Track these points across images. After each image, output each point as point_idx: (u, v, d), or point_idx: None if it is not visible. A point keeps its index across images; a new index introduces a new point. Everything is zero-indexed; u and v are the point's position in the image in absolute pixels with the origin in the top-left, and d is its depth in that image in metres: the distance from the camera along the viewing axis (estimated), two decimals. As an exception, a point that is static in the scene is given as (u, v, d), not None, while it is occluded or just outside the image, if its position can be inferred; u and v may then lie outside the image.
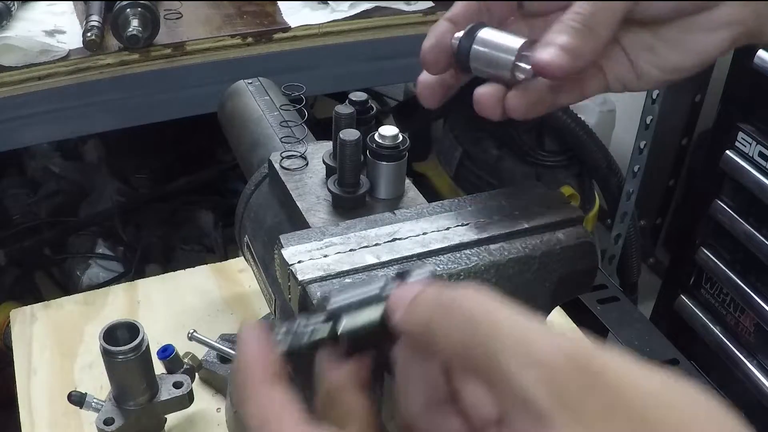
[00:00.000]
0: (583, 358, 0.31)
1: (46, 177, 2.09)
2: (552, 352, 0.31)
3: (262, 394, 0.37)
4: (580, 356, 0.31)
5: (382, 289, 0.38)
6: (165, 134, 2.02)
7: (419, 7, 1.56)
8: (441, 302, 0.35)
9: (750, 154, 1.43)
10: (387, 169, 0.64)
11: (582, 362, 0.31)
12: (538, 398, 0.30)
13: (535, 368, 0.31)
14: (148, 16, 1.33)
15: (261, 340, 0.39)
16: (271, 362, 0.38)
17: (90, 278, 1.91)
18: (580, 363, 0.31)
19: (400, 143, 0.63)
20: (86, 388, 0.85)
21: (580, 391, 0.30)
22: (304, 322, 0.39)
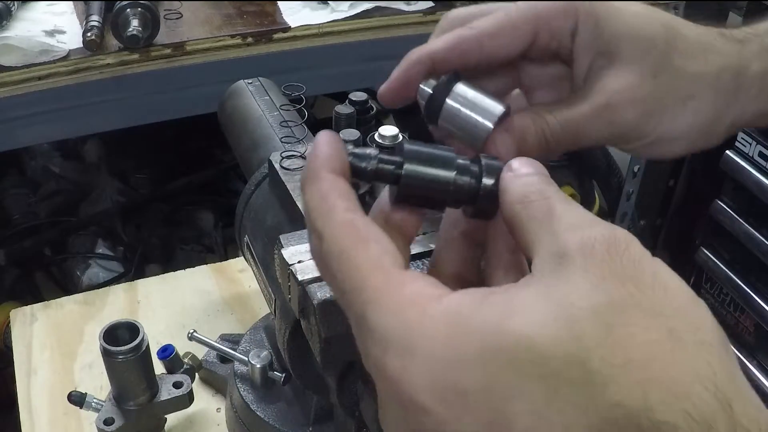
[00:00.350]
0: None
1: (46, 177, 2.09)
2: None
3: (325, 179, 0.38)
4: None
5: (455, 158, 0.39)
6: (165, 134, 2.02)
7: (419, 7, 1.56)
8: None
9: (750, 154, 1.43)
10: None
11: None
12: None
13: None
14: (148, 16, 1.33)
15: (337, 142, 0.40)
16: (341, 159, 0.39)
17: (90, 278, 1.91)
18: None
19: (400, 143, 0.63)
20: (86, 388, 0.85)
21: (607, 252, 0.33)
22: (375, 152, 0.39)
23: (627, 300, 0.31)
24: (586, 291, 0.32)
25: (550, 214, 0.36)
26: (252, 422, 0.82)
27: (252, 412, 0.81)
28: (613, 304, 0.31)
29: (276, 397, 0.82)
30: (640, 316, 0.31)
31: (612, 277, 0.32)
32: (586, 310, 0.31)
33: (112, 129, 1.50)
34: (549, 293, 0.32)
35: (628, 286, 0.32)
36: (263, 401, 0.82)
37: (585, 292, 0.32)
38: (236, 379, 0.85)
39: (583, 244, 0.33)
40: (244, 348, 0.87)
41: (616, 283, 0.32)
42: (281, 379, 0.81)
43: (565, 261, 0.33)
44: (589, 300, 0.31)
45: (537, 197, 0.37)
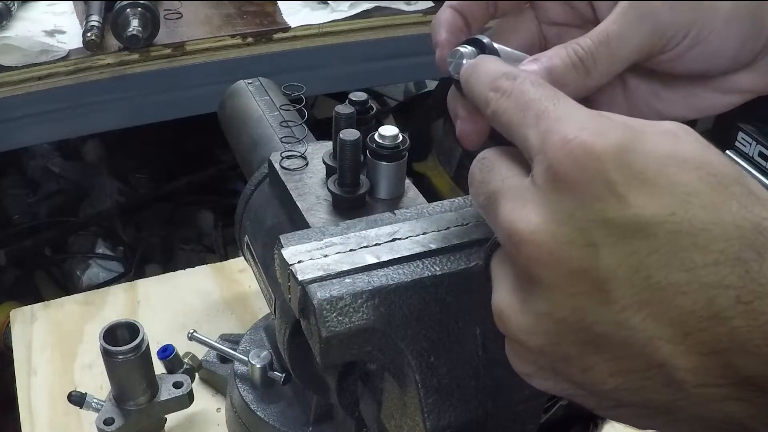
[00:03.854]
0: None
1: (46, 177, 2.09)
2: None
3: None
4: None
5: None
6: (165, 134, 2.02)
7: (419, 7, 1.56)
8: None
9: (750, 154, 1.43)
10: (387, 169, 0.64)
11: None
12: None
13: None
14: (148, 16, 1.33)
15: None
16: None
17: (90, 278, 1.91)
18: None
19: (400, 143, 0.63)
20: (86, 388, 0.85)
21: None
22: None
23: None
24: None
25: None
26: (252, 422, 0.82)
27: (252, 412, 0.81)
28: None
29: (276, 397, 0.82)
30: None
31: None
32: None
33: (112, 129, 1.50)
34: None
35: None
36: (263, 401, 0.82)
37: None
38: (236, 379, 0.85)
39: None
40: (244, 348, 0.87)
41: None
42: (281, 379, 0.81)
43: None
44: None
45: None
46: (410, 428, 0.53)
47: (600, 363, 0.37)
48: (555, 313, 0.37)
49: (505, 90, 0.41)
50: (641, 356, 0.36)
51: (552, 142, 0.37)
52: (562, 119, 0.37)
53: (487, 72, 0.43)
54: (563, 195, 0.36)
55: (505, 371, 0.53)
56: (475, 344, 0.52)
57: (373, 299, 0.49)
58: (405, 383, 0.52)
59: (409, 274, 0.50)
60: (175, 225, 2.07)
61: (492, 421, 0.54)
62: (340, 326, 0.48)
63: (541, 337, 0.38)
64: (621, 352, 0.36)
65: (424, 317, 0.50)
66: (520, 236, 0.37)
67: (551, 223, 0.36)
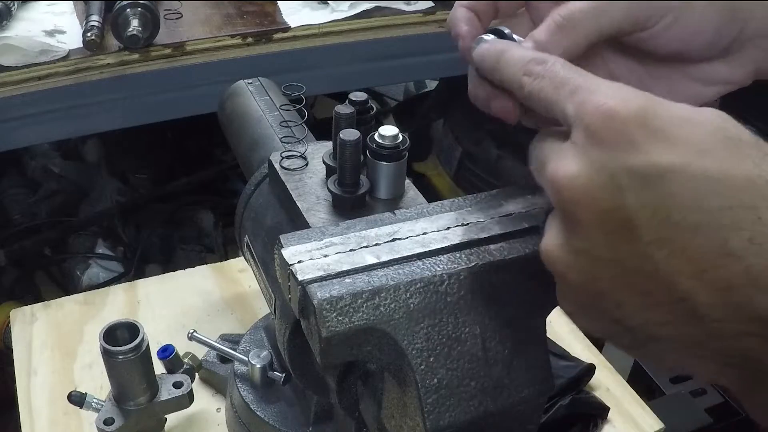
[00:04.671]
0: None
1: (46, 177, 2.09)
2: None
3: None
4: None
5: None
6: (165, 134, 2.02)
7: (419, 7, 1.56)
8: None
9: (750, 154, 1.42)
10: (387, 169, 0.64)
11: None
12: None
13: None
14: (148, 16, 1.33)
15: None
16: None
17: (90, 278, 1.91)
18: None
19: (400, 143, 0.63)
20: (86, 388, 0.85)
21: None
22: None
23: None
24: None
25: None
26: (252, 422, 0.82)
27: (252, 412, 0.81)
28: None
29: (276, 397, 0.82)
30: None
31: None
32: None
33: (112, 129, 1.50)
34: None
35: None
36: (263, 401, 0.82)
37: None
38: (236, 379, 0.85)
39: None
40: (244, 348, 0.87)
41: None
42: (281, 379, 0.81)
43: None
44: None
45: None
46: (410, 428, 0.53)
47: (631, 297, 0.43)
48: (591, 250, 0.43)
49: (538, 73, 0.48)
50: (666, 290, 0.41)
51: (586, 109, 0.43)
52: (594, 91, 0.43)
53: (516, 58, 0.50)
54: (596, 149, 0.42)
55: (505, 371, 0.53)
56: (475, 344, 0.52)
57: (373, 299, 0.49)
58: (405, 383, 0.52)
59: (409, 274, 0.50)
60: (175, 225, 2.07)
61: (492, 421, 0.54)
62: (340, 326, 0.48)
63: (580, 274, 0.44)
64: (648, 286, 0.41)
65: (424, 317, 0.50)
66: (561, 182, 0.43)
67: (586, 170, 0.42)
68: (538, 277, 0.52)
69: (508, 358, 0.53)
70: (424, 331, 0.50)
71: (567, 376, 0.96)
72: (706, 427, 1.31)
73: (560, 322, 1.09)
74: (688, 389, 1.36)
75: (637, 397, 1.00)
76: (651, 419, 0.96)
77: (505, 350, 0.53)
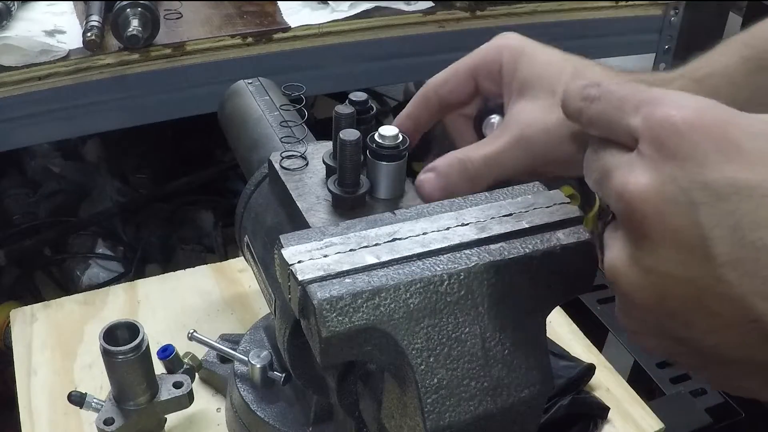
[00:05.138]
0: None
1: (46, 177, 2.09)
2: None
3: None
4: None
5: None
6: (165, 134, 2.02)
7: (419, 7, 1.56)
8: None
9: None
10: (387, 169, 0.64)
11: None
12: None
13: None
14: (148, 16, 1.33)
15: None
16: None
17: (90, 278, 1.91)
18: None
19: (400, 143, 0.63)
20: (86, 388, 0.85)
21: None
22: None
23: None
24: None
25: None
26: (252, 422, 0.82)
27: (252, 412, 0.81)
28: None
29: (276, 397, 0.82)
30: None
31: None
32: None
33: (112, 129, 1.50)
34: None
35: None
36: (263, 401, 0.82)
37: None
38: (236, 379, 0.85)
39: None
40: (244, 348, 0.87)
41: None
42: (281, 379, 0.81)
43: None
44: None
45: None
46: (410, 428, 0.53)
47: (701, 318, 0.41)
48: (660, 267, 0.41)
49: (595, 96, 0.47)
50: (738, 311, 0.39)
51: (656, 119, 0.41)
52: (661, 102, 0.42)
53: (572, 89, 0.50)
54: (668, 161, 0.40)
55: (505, 371, 0.53)
56: (475, 344, 0.52)
57: (373, 299, 0.49)
58: (405, 383, 0.52)
59: (409, 274, 0.50)
60: (175, 225, 2.07)
61: (492, 421, 0.54)
62: (340, 326, 0.48)
63: (648, 292, 0.42)
64: (720, 307, 0.40)
65: (424, 317, 0.50)
66: (631, 196, 0.41)
67: (657, 184, 0.41)
68: (538, 277, 0.53)
69: (508, 358, 0.53)
70: (424, 331, 0.50)
71: (567, 376, 0.96)
72: (706, 427, 1.30)
73: (560, 322, 1.09)
74: (688, 389, 1.36)
75: (637, 397, 1.00)
76: (651, 419, 0.96)
77: (505, 350, 0.53)
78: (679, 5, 1.73)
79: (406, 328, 0.50)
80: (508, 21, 1.59)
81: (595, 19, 1.69)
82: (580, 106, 0.48)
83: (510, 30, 0.68)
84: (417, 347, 0.50)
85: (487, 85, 0.66)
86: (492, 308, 0.52)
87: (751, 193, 0.38)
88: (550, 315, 0.56)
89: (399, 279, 0.49)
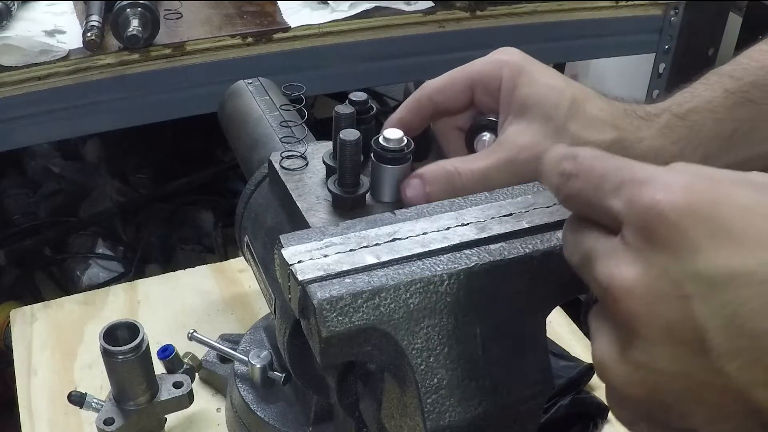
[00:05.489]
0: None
1: (46, 177, 2.09)
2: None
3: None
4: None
5: None
6: (165, 134, 2.02)
7: (419, 7, 1.56)
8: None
9: (750, 154, 1.43)
10: (391, 172, 0.63)
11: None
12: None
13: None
14: (148, 16, 1.33)
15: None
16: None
17: (90, 278, 1.91)
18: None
19: (404, 146, 0.63)
20: (86, 388, 0.85)
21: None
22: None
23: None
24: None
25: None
26: (252, 422, 0.82)
27: (252, 412, 0.81)
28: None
29: (276, 397, 0.82)
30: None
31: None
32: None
33: (112, 129, 1.50)
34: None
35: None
36: (263, 401, 0.82)
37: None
38: (236, 379, 0.85)
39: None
40: (244, 348, 0.87)
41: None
42: (281, 379, 0.81)
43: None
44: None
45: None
46: (410, 428, 0.53)
47: (699, 410, 0.39)
48: (653, 364, 0.39)
49: (571, 173, 0.43)
50: (738, 402, 0.37)
51: (640, 205, 0.39)
52: (644, 183, 0.39)
53: (547, 163, 0.46)
54: (656, 252, 0.38)
55: (505, 371, 0.53)
56: (475, 344, 0.52)
57: (373, 299, 0.49)
58: (405, 383, 0.52)
59: (409, 274, 0.50)
60: (175, 225, 2.07)
61: (492, 421, 0.54)
62: (340, 326, 0.48)
63: (640, 387, 0.40)
64: (719, 399, 0.38)
65: (424, 317, 0.50)
66: (618, 291, 0.39)
67: (646, 277, 0.38)
68: (538, 277, 0.53)
69: (508, 358, 0.53)
70: (424, 331, 0.50)
71: (567, 376, 0.96)
72: (706, 427, 1.31)
73: (560, 322, 1.09)
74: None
75: (637, 397, 1.00)
76: (651, 419, 0.96)
77: (505, 350, 0.53)
78: (679, 5, 1.73)
79: (406, 328, 0.50)
80: (508, 21, 1.59)
81: (595, 19, 1.69)
82: (556, 183, 0.45)
83: (510, 30, 0.68)
84: (417, 347, 0.50)
85: (483, 99, 0.66)
86: (492, 308, 0.52)
87: (748, 280, 0.36)
88: (550, 315, 0.56)
89: (399, 279, 0.49)
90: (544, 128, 0.60)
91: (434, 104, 0.67)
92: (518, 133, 0.61)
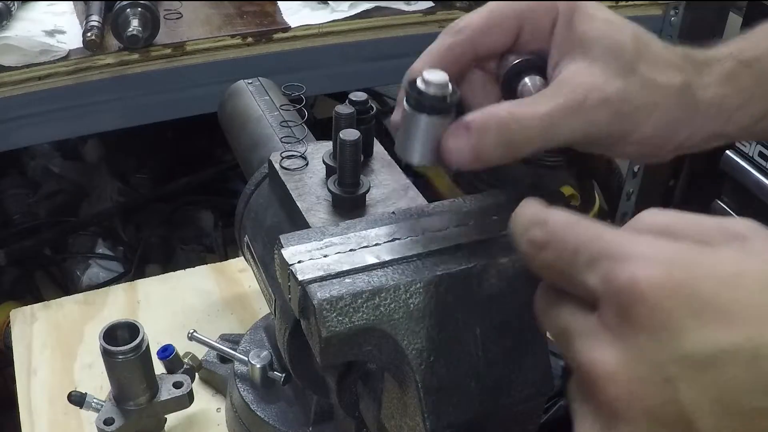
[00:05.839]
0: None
1: (46, 177, 2.09)
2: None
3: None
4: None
5: None
6: (165, 134, 2.02)
7: (419, 7, 1.56)
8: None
9: (750, 154, 1.43)
10: (428, 124, 0.50)
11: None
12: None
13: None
14: (148, 16, 1.33)
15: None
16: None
17: (90, 278, 1.91)
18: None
19: (448, 94, 0.50)
20: (86, 388, 0.85)
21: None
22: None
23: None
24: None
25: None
26: (252, 422, 0.82)
27: (252, 412, 0.81)
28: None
29: (276, 397, 0.82)
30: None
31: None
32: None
33: (112, 129, 1.50)
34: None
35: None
36: (263, 401, 0.82)
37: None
38: (236, 379, 0.85)
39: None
40: (244, 348, 0.87)
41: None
42: (281, 379, 0.81)
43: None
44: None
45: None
46: (410, 428, 0.53)
47: None
48: None
49: (541, 243, 0.41)
50: None
51: (617, 285, 0.37)
52: (621, 259, 0.37)
53: (519, 222, 0.44)
54: (636, 334, 0.36)
55: (505, 371, 0.53)
56: (475, 344, 0.52)
57: (373, 299, 0.49)
58: (405, 383, 0.52)
59: (409, 274, 0.50)
60: (175, 225, 2.07)
61: (492, 421, 0.54)
62: (340, 326, 0.48)
63: None
64: None
65: (424, 317, 0.50)
66: (598, 377, 0.37)
67: (627, 361, 0.36)
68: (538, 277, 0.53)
69: (508, 358, 0.53)
70: (424, 331, 0.50)
71: (567, 376, 0.96)
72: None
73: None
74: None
75: (637, 397, 1.00)
76: (651, 419, 0.96)
77: (505, 350, 0.53)
78: (679, 5, 1.73)
79: (406, 328, 0.50)
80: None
81: (595, 19, 1.69)
82: (525, 251, 0.42)
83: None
84: (417, 347, 0.50)
85: (528, 39, 0.55)
86: (492, 308, 0.52)
87: (735, 356, 0.34)
88: (550, 315, 0.55)
89: (399, 279, 0.49)
90: (612, 67, 0.51)
91: (476, 49, 0.55)
92: (582, 72, 0.52)
